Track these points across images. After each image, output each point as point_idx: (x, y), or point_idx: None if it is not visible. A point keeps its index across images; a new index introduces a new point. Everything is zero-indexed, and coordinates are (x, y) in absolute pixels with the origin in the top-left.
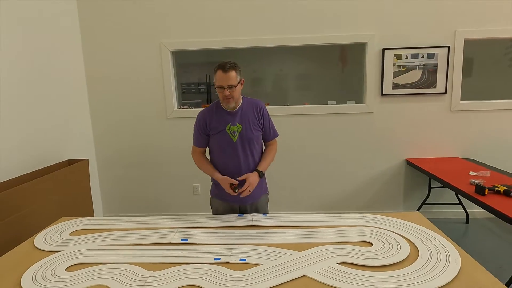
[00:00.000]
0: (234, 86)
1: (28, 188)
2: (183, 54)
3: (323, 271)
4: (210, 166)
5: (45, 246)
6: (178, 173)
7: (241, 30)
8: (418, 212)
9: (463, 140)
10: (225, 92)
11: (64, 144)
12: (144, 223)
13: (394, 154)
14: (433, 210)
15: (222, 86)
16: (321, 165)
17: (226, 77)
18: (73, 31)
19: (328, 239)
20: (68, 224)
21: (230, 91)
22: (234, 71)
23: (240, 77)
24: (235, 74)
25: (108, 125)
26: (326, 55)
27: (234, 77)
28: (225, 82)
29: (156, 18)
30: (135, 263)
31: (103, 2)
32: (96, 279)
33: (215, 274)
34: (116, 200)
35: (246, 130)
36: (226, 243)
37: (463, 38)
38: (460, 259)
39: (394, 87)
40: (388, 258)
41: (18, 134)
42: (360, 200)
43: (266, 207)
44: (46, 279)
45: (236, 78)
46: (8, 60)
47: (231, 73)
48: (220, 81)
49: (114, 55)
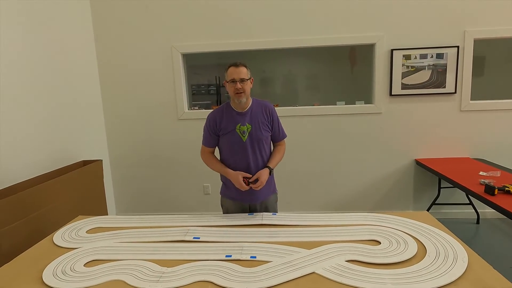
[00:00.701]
0: (245, 80)
1: (46, 187)
2: (193, 56)
3: (332, 268)
4: (220, 164)
5: (64, 243)
6: (189, 173)
7: (251, 32)
8: (426, 212)
9: (473, 140)
10: (237, 85)
11: (79, 145)
12: (157, 221)
13: (403, 154)
14: (443, 210)
15: (234, 80)
16: (330, 165)
17: (238, 71)
18: (86, 36)
19: (336, 238)
20: (84, 222)
21: (242, 84)
22: (245, 67)
23: (250, 74)
24: (246, 70)
25: (120, 126)
26: (335, 55)
27: (245, 72)
28: (236, 75)
29: (168, 22)
30: (149, 260)
31: (116, 7)
32: (113, 274)
33: (227, 270)
34: (128, 200)
35: (255, 130)
36: (237, 241)
37: (472, 37)
38: (468, 257)
39: (403, 87)
40: (395, 256)
41: (37, 136)
42: (370, 201)
43: (276, 206)
44: (66, 274)
45: (247, 73)
46: (29, 66)
47: (242, 68)
48: (232, 74)
49: (126, 58)
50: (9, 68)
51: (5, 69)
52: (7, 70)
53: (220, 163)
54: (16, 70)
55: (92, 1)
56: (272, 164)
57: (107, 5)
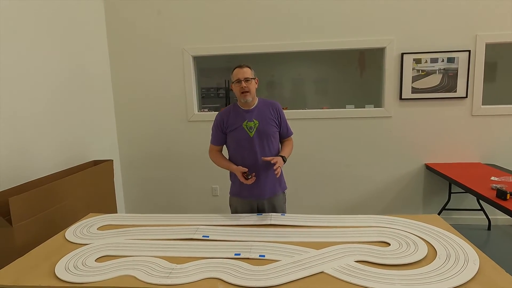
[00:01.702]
0: (250, 79)
1: (59, 185)
2: (203, 60)
3: (341, 268)
4: (226, 160)
5: (76, 239)
6: (197, 174)
7: (260, 36)
8: (436, 215)
9: (484, 145)
10: (242, 84)
11: (91, 145)
12: (166, 220)
13: (413, 159)
14: (454, 216)
15: (239, 79)
16: (339, 169)
17: (242, 71)
18: (100, 39)
19: (345, 239)
20: (95, 219)
21: (247, 84)
22: (249, 68)
23: (254, 75)
24: (250, 70)
25: (131, 127)
26: (344, 59)
27: (249, 72)
28: (241, 75)
29: (179, 26)
30: (159, 256)
31: (129, 10)
32: (124, 269)
33: (236, 268)
34: (136, 200)
35: (263, 125)
36: (246, 240)
37: (484, 42)
38: (479, 260)
39: (413, 91)
40: (405, 258)
41: (53, 136)
42: (379, 205)
43: (284, 207)
44: (78, 268)
45: (251, 73)
46: (47, 69)
47: (246, 69)
48: (237, 75)
49: (139, 60)
50: (32, 74)
51: (28, 75)
52: (29, 77)
53: (225, 159)
54: (38, 75)
55: (107, 5)
56: (285, 153)
57: (121, 9)
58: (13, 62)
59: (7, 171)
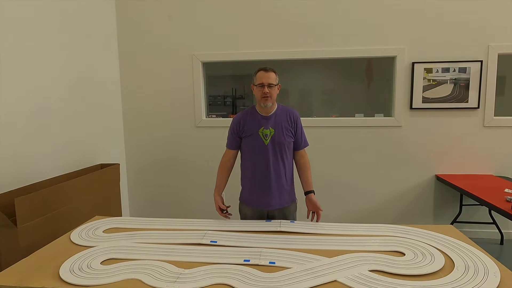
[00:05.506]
0: (273, 85)
1: (66, 187)
2: (210, 67)
3: (355, 277)
4: (221, 179)
5: (81, 241)
6: (205, 180)
7: (270, 43)
8: (451, 225)
9: (497, 156)
10: (264, 89)
11: (98, 149)
12: (174, 224)
13: (423, 169)
14: (465, 229)
15: (263, 84)
16: (348, 178)
17: (267, 76)
18: (110, 43)
19: (358, 247)
20: (101, 222)
21: (270, 89)
22: (274, 73)
23: (278, 81)
24: (275, 75)
25: (139, 131)
26: (354, 67)
27: (274, 77)
28: (265, 79)
29: (189, 32)
30: (166, 261)
31: (140, 15)
32: (129, 273)
33: (245, 274)
34: (141, 205)
35: (278, 134)
36: (255, 246)
37: (496, 52)
38: (500, 272)
39: (424, 101)
40: (421, 268)
41: (61, 139)
42: (388, 216)
43: (295, 215)
44: (83, 270)
45: (275, 78)
46: (56, 72)
47: (271, 73)
48: (261, 79)
49: (148, 65)
50: (41, 75)
51: (37, 76)
52: (38, 78)
53: (223, 177)
54: (46, 76)
55: (118, 11)
56: (310, 186)
57: (132, 13)
58: (23, 64)
59: (14, 172)
